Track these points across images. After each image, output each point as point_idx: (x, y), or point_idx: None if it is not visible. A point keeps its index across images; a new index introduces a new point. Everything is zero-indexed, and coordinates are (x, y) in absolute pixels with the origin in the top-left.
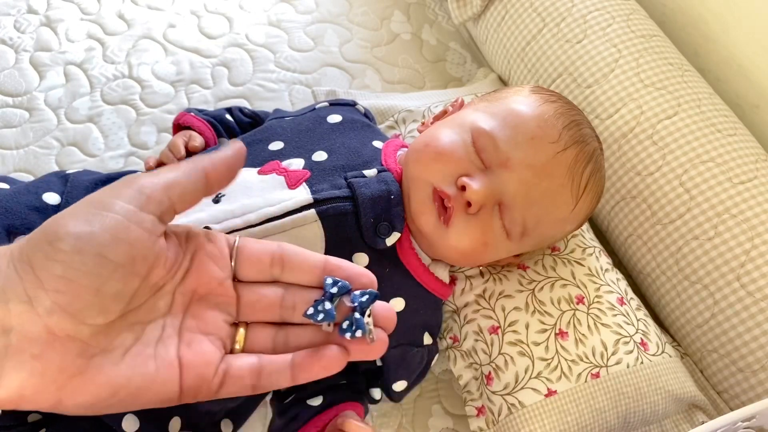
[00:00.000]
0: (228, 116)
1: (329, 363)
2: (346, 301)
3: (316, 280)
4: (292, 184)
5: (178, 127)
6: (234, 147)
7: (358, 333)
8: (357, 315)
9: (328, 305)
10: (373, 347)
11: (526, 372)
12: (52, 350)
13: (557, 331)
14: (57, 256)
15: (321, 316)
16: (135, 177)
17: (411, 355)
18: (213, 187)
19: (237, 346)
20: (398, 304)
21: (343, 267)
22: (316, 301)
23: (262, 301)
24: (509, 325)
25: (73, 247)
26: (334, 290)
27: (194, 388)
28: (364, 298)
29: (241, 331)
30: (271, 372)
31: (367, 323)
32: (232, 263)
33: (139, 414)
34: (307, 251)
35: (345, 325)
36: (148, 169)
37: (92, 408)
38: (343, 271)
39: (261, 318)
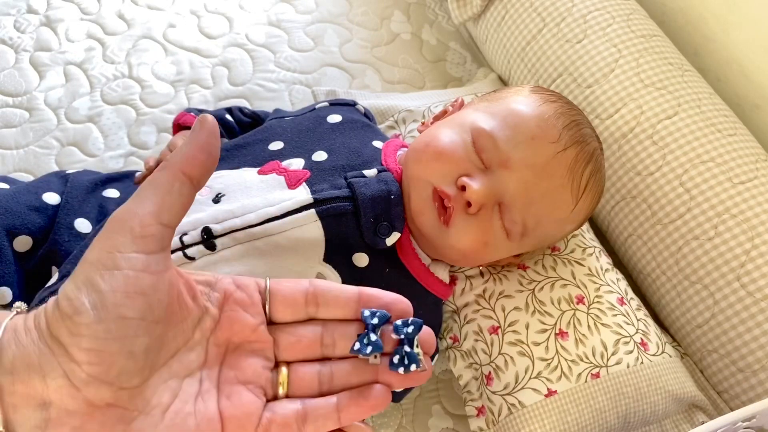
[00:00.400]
0: (228, 116)
1: (377, 402)
2: (387, 331)
3: (352, 313)
4: (292, 184)
5: (178, 127)
6: (204, 127)
7: (413, 367)
8: (407, 348)
9: (373, 337)
10: (422, 375)
11: (526, 372)
12: (92, 421)
13: (557, 331)
14: (80, 330)
15: (369, 349)
16: (120, 218)
17: None
18: (200, 181)
19: (281, 390)
20: None
21: (378, 296)
22: (359, 335)
23: (302, 342)
24: (509, 325)
25: (92, 318)
26: (375, 321)
27: None
28: (409, 329)
29: (284, 371)
30: (317, 417)
31: (418, 353)
32: (267, 308)
33: None
34: (339, 285)
35: (396, 359)
36: (148, 169)
37: None
38: (378, 300)
39: (302, 357)
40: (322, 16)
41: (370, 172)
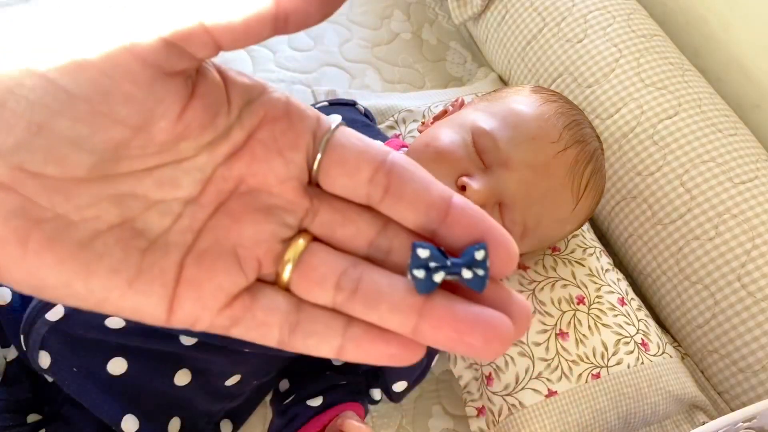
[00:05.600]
0: None
1: (401, 352)
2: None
3: (429, 221)
4: None
5: None
6: None
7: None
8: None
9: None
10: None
11: (526, 372)
12: None
13: (558, 332)
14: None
15: (437, 275)
16: None
17: None
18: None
19: (286, 270)
20: None
21: (479, 221)
22: (432, 252)
23: (344, 223)
24: None
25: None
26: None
27: (191, 321)
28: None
29: (300, 242)
30: (311, 332)
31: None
32: (317, 159)
33: (139, 414)
34: (426, 176)
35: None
36: None
37: (36, 290)
38: (476, 226)
39: (334, 239)
40: None
41: None
